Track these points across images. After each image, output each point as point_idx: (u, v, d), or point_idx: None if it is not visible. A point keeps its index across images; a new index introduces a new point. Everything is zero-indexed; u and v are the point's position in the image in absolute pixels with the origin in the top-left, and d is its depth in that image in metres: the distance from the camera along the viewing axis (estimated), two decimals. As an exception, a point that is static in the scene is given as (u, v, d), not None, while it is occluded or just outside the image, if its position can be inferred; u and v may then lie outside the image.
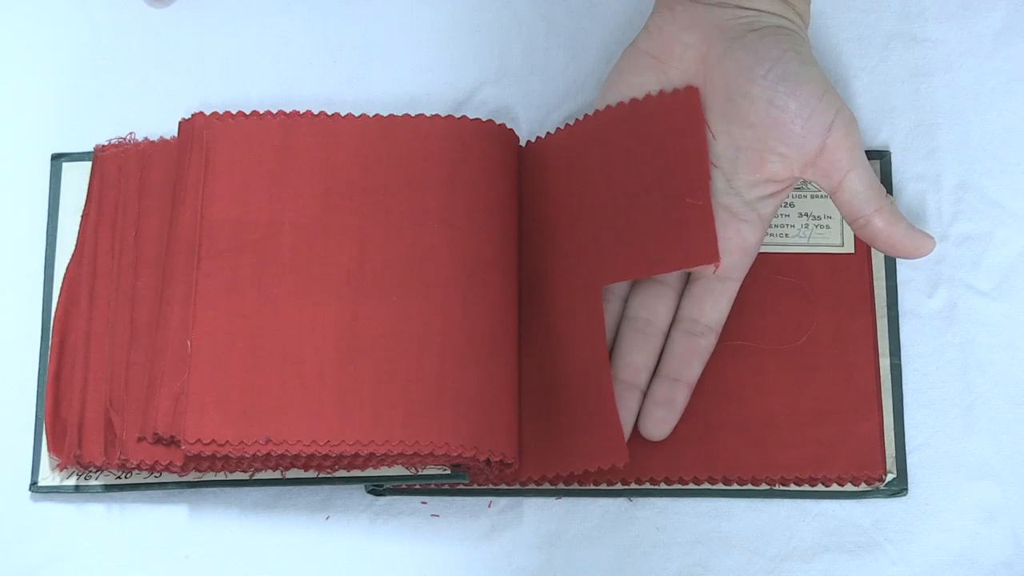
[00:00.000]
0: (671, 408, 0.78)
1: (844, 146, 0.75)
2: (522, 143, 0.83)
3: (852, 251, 0.81)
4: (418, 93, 0.85)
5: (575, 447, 0.77)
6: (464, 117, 0.81)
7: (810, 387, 0.79)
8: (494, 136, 0.81)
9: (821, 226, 0.82)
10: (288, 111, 0.81)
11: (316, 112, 0.81)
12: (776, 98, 0.74)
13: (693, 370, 0.78)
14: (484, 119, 0.81)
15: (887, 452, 0.79)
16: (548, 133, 0.82)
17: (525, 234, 0.81)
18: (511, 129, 0.81)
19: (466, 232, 0.78)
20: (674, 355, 0.78)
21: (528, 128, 0.84)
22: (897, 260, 0.82)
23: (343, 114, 0.81)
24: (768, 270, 0.81)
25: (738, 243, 0.77)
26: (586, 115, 0.80)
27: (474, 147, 0.80)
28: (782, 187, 0.77)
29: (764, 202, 0.77)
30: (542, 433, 0.78)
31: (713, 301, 0.78)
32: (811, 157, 0.75)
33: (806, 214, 0.82)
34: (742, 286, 0.80)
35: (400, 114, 0.81)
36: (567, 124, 0.81)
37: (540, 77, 0.86)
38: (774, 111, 0.74)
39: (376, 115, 0.81)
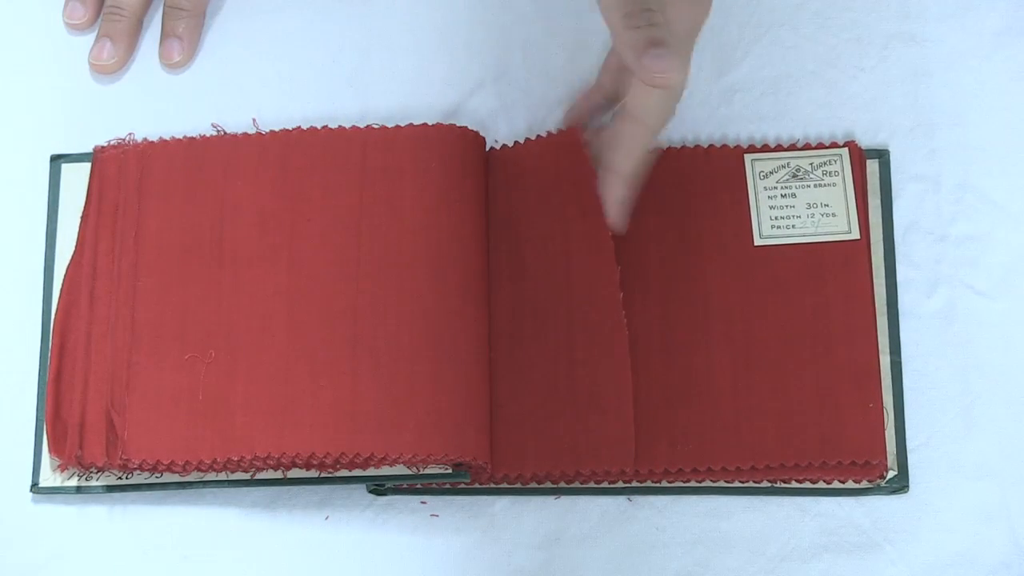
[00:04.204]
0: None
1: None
2: (522, 142, 0.83)
3: (858, 237, 0.81)
4: (418, 93, 0.85)
5: (581, 448, 0.77)
6: (433, 124, 0.81)
7: (812, 377, 0.79)
8: (461, 140, 0.81)
9: (828, 214, 0.82)
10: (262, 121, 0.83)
11: (312, 114, 0.81)
12: None
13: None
14: (459, 124, 0.81)
15: (888, 449, 0.79)
16: (517, 143, 0.83)
17: (501, 235, 0.81)
18: (475, 132, 0.82)
19: (438, 237, 0.79)
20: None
21: (528, 128, 0.84)
22: (896, 259, 0.82)
23: (333, 125, 0.82)
24: (777, 261, 0.81)
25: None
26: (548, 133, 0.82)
27: (442, 153, 0.80)
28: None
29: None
30: (544, 432, 0.78)
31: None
32: None
33: (812, 204, 0.82)
34: (745, 279, 0.81)
35: (383, 121, 0.82)
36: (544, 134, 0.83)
37: (540, 77, 0.86)
38: None
39: (340, 127, 0.82)
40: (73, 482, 0.79)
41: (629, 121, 0.79)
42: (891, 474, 0.79)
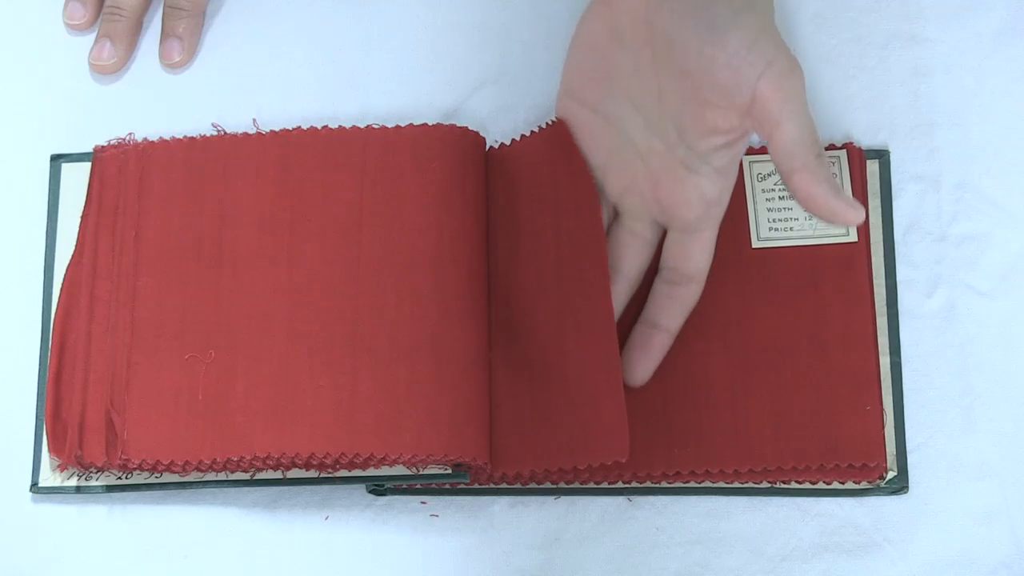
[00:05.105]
0: (646, 352, 0.79)
1: (775, 98, 0.73)
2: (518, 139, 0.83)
3: (855, 239, 0.81)
4: (418, 93, 0.85)
5: (576, 442, 0.77)
6: (431, 124, 0.81)
7: (809, 380, 0.79)
8: (461, 140, 0.81)
9: (825, 216, 0.82)
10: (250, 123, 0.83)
11: (312, 114, 0.81)
12: (704, 48, 0.73)
13: (673, 317, 0.79)
14: (459, 124, 0.81)
15: (887, 450, 0.79)
16: (514, 140, 0.83)
17: (500, 234, 0.81)
18: (476, 132, 0.82)
19: (438, 237, 0.79)
20: (654, 301, 0.80)
21: (528, 129, 0.84)
22: (896, 259, 0.82)
23: (333, 125, 0.82)
24: (774, 263, 0.81)
25: (697, 197, 0.78)
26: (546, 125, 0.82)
27: (442, 153, 0.80)
28: (731, 138, 0.76)
29: (717, 154, 0.76)
30: (540, 429, 0.78)
31: (686, 252, 0.79)
32: (745, 107, 0.73)
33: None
34: (743, 282, 0.80)
35: (383, 121, 0.82)
36: (534, 130, 0.82)
37: (540, 77, 0.86)
38: (704, 60, 0.73)
39: (340, 127, 0.82)
40: (73, 482, 0.79)
41: (685, 284, 0.79)
42: (891, 475, 0.79)
